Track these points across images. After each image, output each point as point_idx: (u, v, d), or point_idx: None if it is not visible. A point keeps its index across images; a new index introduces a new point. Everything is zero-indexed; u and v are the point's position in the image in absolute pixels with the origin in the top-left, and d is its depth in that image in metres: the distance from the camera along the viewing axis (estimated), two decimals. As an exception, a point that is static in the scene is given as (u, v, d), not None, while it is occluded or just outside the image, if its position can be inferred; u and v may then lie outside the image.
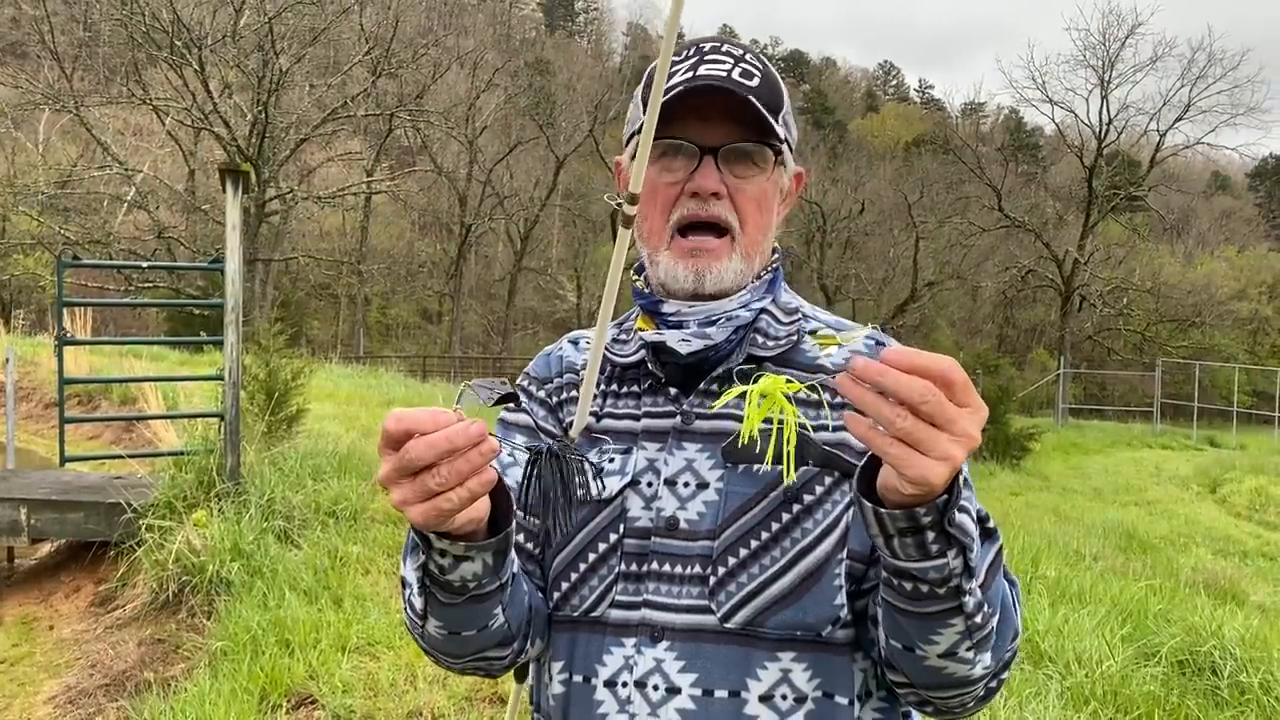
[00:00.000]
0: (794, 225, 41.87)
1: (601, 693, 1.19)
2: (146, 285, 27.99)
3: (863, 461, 0.97)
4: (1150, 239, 47.06)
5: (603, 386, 1.32)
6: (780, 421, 0.98)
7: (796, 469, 1.17)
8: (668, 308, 1.27)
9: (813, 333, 1.30)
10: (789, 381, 0.98)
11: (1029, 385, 35.92)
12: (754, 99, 1.20)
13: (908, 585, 0.98)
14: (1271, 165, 65.11)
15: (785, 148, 1.28)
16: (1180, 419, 31.03)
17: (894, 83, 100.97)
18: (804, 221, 42.14)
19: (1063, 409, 31.51)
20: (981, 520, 0.99)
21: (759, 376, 1.00)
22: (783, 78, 1.30)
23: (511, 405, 1.02)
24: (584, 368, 1.33)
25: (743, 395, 1.00)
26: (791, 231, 42.07)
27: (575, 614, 1.23)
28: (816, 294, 39.38)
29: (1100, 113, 39.59)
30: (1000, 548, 1.03)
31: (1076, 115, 41.34)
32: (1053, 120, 44.21)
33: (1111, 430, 27.71)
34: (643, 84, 1.29)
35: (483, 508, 1.00)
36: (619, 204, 1.13)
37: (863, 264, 45.54)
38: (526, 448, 1.06)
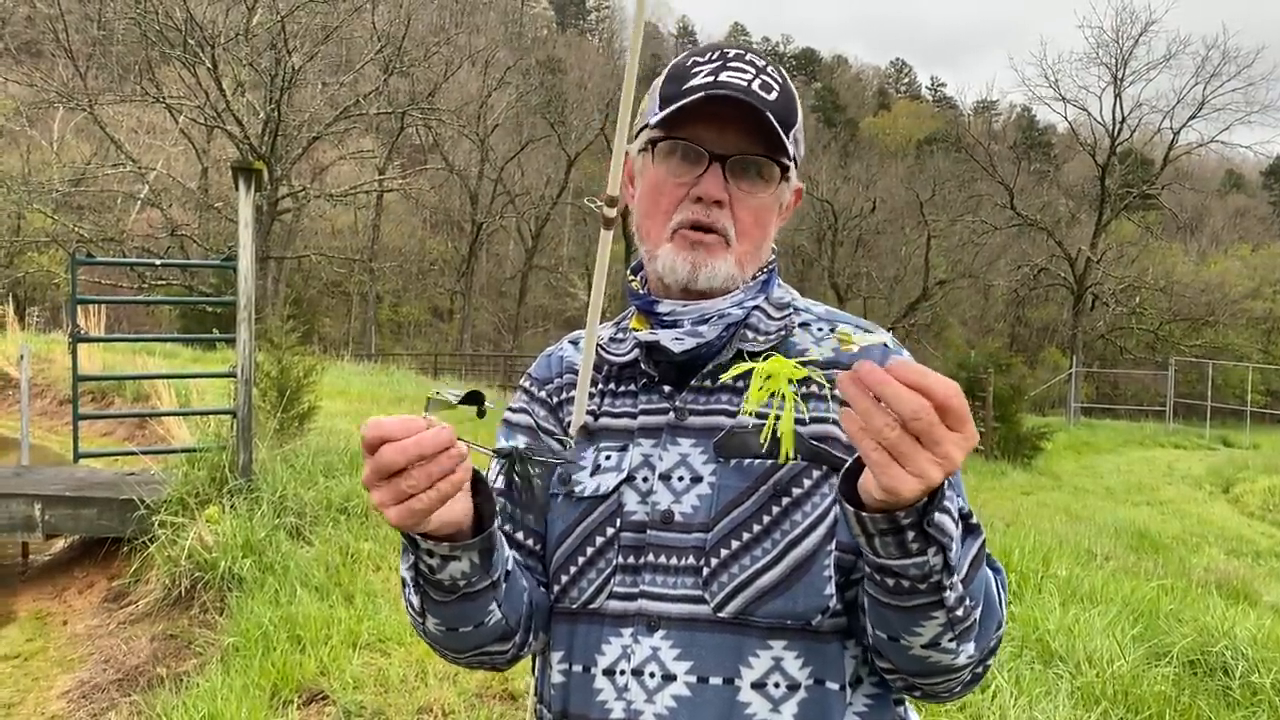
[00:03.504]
0: (805, 224, 41.82)
1: (600, 681, 1.23)
2: (159, 283, 28.12)
3: (848, 464, 1.01)
4: (1163, 237, 46.87)
5: (600, 386, 1.35)
6: (779, 410, 1.01)
7: (785, 463, 1.20)
8: (662, 308, 1.30)
9: (804, 325, 1.33)
10: (797, 366, 1.01)
11: (1041, 384, 35.82)
12: (770, 114, 1.21)
13: (890, 581, 1.02)
14: (1286, 163, 64.70)
15: (792, 164, 1.29)
16: (1193, 418, 30.92)
17: (906, 81, 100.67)
18: (815, 220, 42.07)
19: (1075, 408, 31.41)
20: (964, 517, 1.02)
21: (768, 356, 1.04)
22: (794, 75, 1.31)
23: (490, 406, 1.07)
24: None
25: (748, 372, 1.03)
26: (803, 230, 42.04)
27: (574, 605, 1.26)
28: (828, 292, 39.32)
29: (1113, 110, 39.53)
30: (983, 542, 1.07)
31: (1089, 113, 41.29)
32: (1065, 118, 44.31)
33: (1124, 429, 27.61)
34: (663, 78, 1.30)
35: (462, 509, 1.05)
36: (599, 206, 1.15)
37: (874, 262, 45.44)
38: (495, 451, 1.10)
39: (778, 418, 1.02)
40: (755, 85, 1.24)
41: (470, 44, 40.53)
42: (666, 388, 1.30)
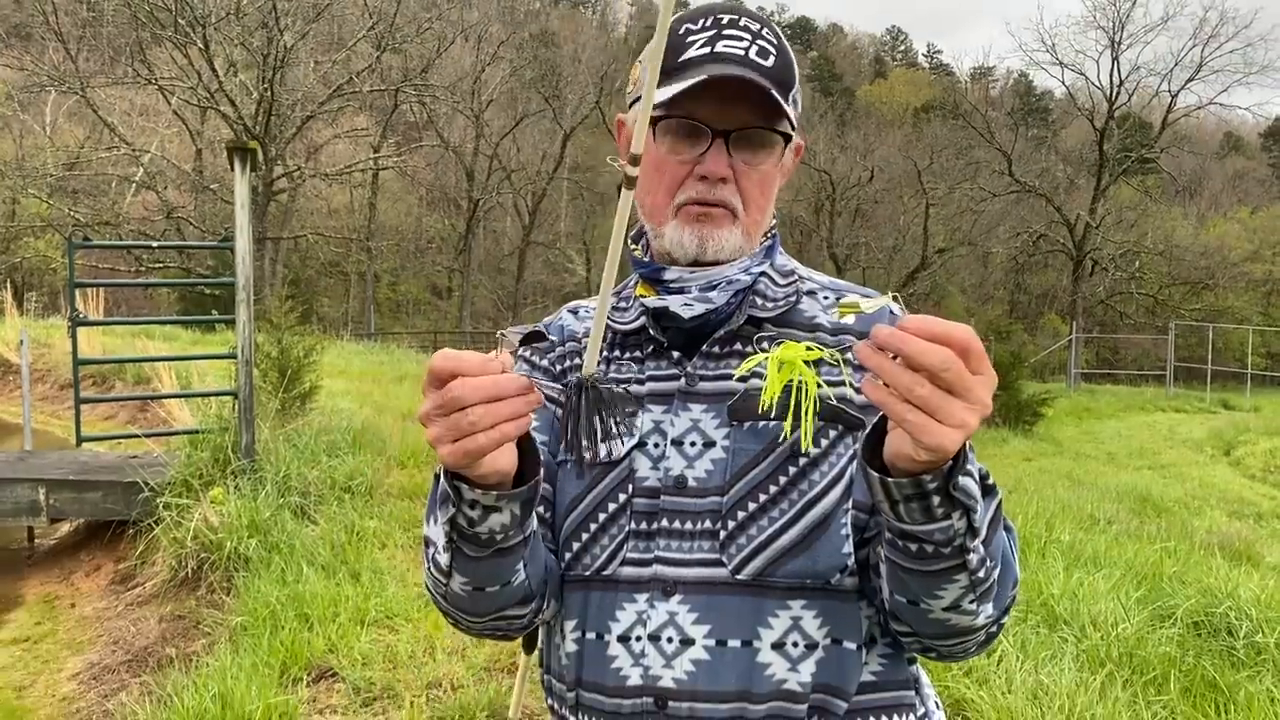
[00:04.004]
0: (803, 194, 41.69)
1: (615, 648, 1.22)
2: (157, 265, 28.09)
3: (867, 430, 1.00)
4: (1162, 201, 46.68)
5: (604, 353, 1.34)
6: (798, 386, 1.00)
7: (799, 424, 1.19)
8: (669, 274, 1.29)
9: (809, 293, 1.33)
10: (809, 349, 1.00)
11: (1041, 351, 35.84)
12: (772, 86, 1.20)
13: (913, 546, 1.01)
14: (1285, 125, 64.40)
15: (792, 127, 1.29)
16: (1194, 382, 30.95)
17: (902, 48, 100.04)
18: (813, 190, 41.93)
19: (1075, 374, 31.43)
20: (982, 478, 1.01)
21: (779, 343, 1.02)
22: (790, 45, 1.30)
23: (538, 345, 1.04)
24: (585, 335, 1.35)
25: (764, 363, 1.01)
26: (801, 200, 41.91)
27: (587, 573, 1.25)
28: (826, 263, 39.23)
29: (1111, 74, 39.29)
30: (999, 502, 1.06)
31: (1087, 77, 41.03)
32: (1063, 83, 44.21)
33: (1125, 394, 27.62)
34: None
35: (511, 459, 1.03)
36: (621, 166, 1.14)
37: (873, 232, 45.30)
38: (562, 384, 1.07)
39: (791, 389, 1.00)
40: (753, 53, 1.23)
41: (463, 19, 40.17)
42: (675, 353, 1.29)
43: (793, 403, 1.00)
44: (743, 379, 1.24)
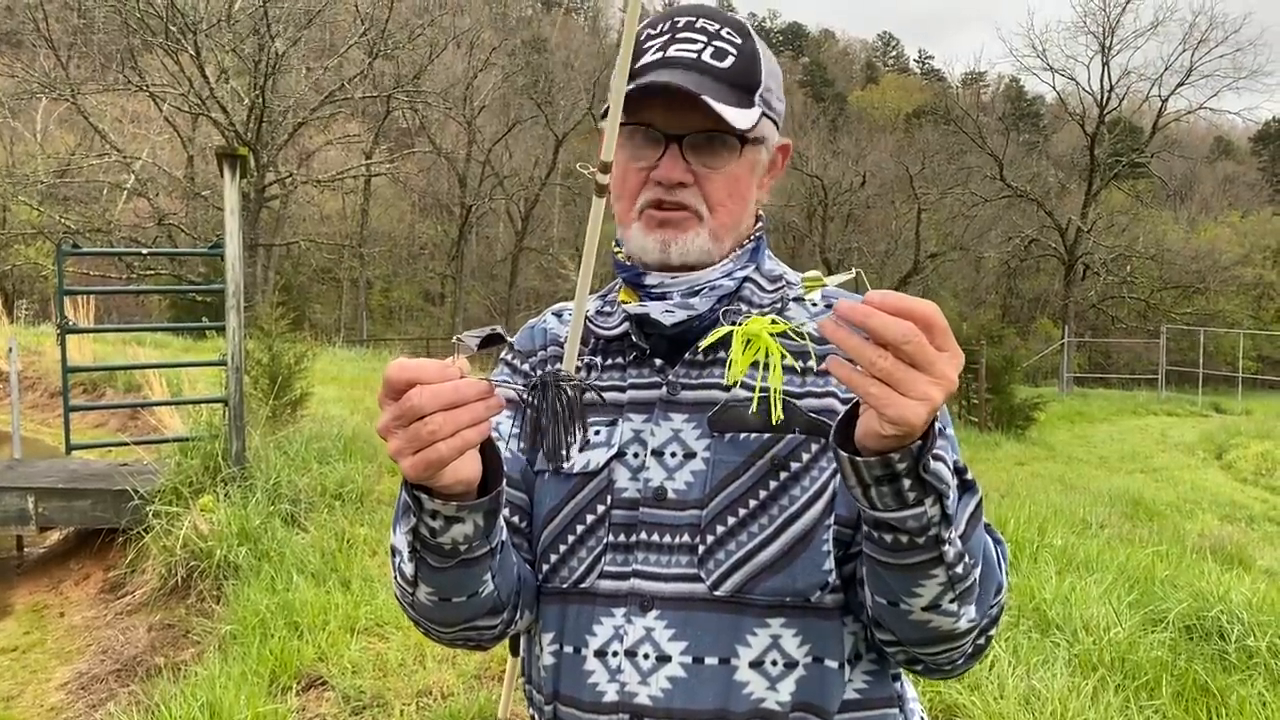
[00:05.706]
0: (795, 199, 41.75)
1: (592, 663, 1.20)
2: (148, 272, 28.01)
3: (842, 414, 0.99)
4: (1153, 206, 46.85)
5: (587, 359, 1.32)
6: (765, 379, 0.98)
7: (782, 435, 1.18)
8: (651, 279, 1.27)
9: (798, 299, 1.31)
10: (774, 322, 0.99)
11: (1033, 355, 35.91)
12: (725, 87, 1.18)
13: (888, 537, 1.00)
14: (1274, 129, 64.67)
15: (768, 121, 1.26)
16: (1185, 385, 31.05)
17: (893, 54, 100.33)
18: (805, 195, 41.99)
19: (1067, 378, 31.53)
20: (959, 471, 1.01)
21: (745, 319, 1.01)
22: (781, 51, 1.29)
23: (500, 347, 1.03)
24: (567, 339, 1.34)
25: (729, 337, 1.00)
26: (793, 206, 41.97)
27: (564, 585, 1.23)
28: (819, 268, 39.15)
29: (1101, 79, 39.41)
30: (980, 500, 1.04)
31: (1077, 82, 41.22)
32: (1054, 88, 44.17)
33: (1117, 398, 27.71)
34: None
35: (473, 467, 1.01)
36: (592, 172, 1.14)
37: (865, 237, 45.34)
38: (522, 384, 1.06)
39: (764, 388, 0.99)
40: (707, 55, 1.21)
41: (454, 25, 40.15)
42: (658, 361, 1.27)
43: (758, 382, 0.99)
44: (725, 388, 1.21)
